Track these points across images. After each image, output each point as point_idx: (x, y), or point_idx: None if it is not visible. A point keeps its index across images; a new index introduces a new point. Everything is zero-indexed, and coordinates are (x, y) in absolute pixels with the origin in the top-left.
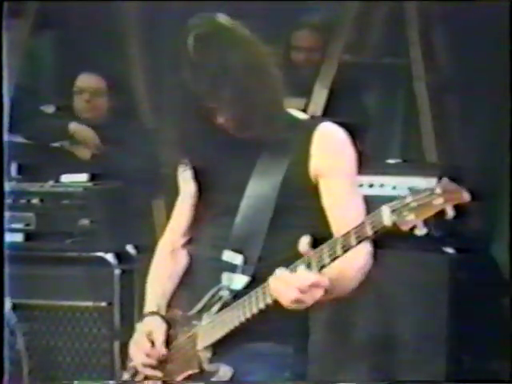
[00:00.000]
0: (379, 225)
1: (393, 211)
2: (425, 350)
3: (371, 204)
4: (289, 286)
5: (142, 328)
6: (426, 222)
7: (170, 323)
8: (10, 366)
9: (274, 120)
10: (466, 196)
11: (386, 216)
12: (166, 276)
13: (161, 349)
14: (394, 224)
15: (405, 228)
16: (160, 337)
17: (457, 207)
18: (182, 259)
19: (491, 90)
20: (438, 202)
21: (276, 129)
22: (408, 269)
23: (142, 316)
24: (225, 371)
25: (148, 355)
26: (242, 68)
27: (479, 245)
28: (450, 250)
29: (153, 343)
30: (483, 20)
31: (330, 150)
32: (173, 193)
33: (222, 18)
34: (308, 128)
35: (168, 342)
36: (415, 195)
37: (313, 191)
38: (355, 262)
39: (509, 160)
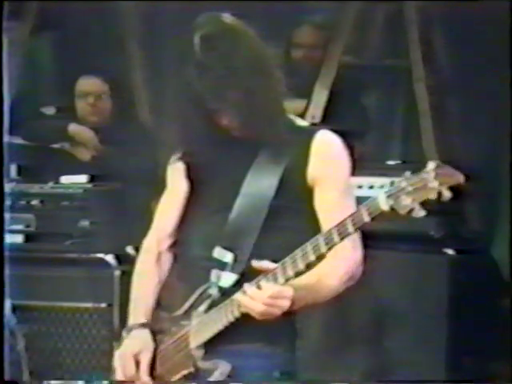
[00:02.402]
0: (376, 210)
1: (389, 196)
2: (425, 350)
3: None
4: (254, 300)
5: (130, 344)
6: (423, 205)
7: (155, 337)
8: (10, 367)
9: (275, 122)
10: (460, 177)
11: (383, 201)
12: (153, 284)
13: (144, 376)
14: (392, 209)
15: (403, 212)
16: (146, 361)
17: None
18: (167, 264)
19: (491, 90)
20: (434, 184)
21: (276, 131)
22: (408, 270)
23: (129, 327)
24: (224, 367)
25: (130, 378)
26: (247, 69)
27: (479, 246)
28: (449, 251)
29: (138, 365)
30: (483, 20)
31: (327, 160)
32: None
33: (228, 18)
34: (307, 134)
35: (153, 363)
36: (410, 179)
37: (308, 195)
38: (337, 269)
39: (509, 161)
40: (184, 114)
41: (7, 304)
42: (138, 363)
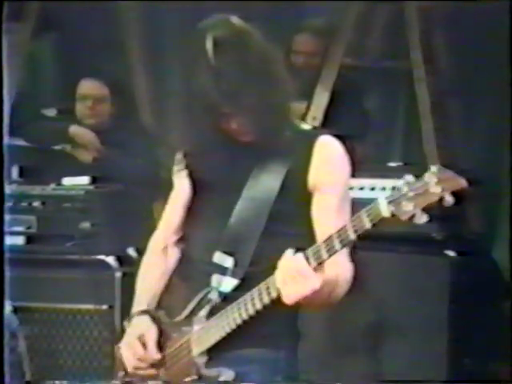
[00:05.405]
0: (377, 216)
1: (390, 202)
2: (426, 351)
3: None
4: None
5: (132, 330)
6: (425, 210)
7: (159, 323)
8: (11, 368)
9: (282, 125)
10: (462, 182)
11: (384, 207)
12: (158, 274)
13: (153, 352)
14: (393, 215)
15: (404, 218)
16: (152, 340)
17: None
18: (174, 257)
19: (492, 91)
20: (436, 190)
21: (282, 134)
22: (409, 271)
23: (130, 316)
24: (227, 375)
25: (141, 359)
26: (260, 72)
27: (480, 247)
28: (451, 253)
29: (145, 346)
30: (483, 21)
31: (327, 166)
32: None
33: (236, 21)
34: (309, 138)
35: (160, 343)
36: (411, 185)
37: (309, 200)
38: (345, 274)
39: (510, 162)
40: (191, 116)
41: (8, 306)
42: (144, 345)
